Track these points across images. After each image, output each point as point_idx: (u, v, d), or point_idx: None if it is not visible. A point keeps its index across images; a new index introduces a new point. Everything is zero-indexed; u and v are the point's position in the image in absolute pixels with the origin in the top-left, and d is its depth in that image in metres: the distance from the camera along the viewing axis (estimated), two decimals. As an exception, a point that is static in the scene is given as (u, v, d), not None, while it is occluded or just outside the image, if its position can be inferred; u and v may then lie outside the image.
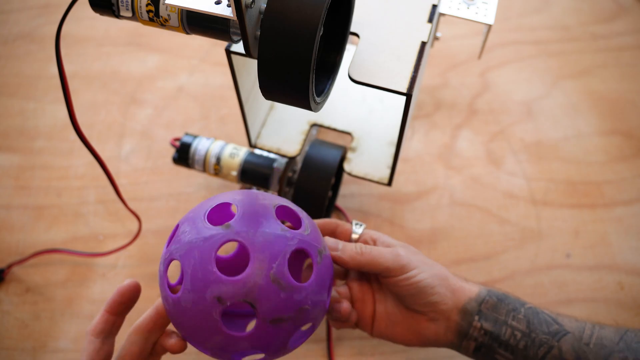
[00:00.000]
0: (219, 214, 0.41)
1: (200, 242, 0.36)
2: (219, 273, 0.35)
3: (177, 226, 0.40)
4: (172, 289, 0.39)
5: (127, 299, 0.40)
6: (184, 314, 0.37)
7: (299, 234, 0.38)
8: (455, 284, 0.44)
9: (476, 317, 0.43)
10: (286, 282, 0.36)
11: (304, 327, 0.39)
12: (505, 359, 0.43)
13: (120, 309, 0.40)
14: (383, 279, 0.44)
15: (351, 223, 0.48)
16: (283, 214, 0.41)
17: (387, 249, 0.44)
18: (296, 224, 0.41)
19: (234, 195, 0.40)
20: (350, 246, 0.44)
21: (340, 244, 0.44)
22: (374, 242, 0.46)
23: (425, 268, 0.43)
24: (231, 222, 0.37)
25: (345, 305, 0.45)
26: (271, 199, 0.40)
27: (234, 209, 0.40)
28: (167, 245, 0.39)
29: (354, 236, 0.47)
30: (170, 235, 0.40)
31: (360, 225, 0.48)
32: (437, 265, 0.45)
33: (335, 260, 0.44)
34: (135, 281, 0.41)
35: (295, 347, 0.40)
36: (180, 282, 0.40)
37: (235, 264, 0.48)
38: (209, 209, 0.39)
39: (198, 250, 0.36)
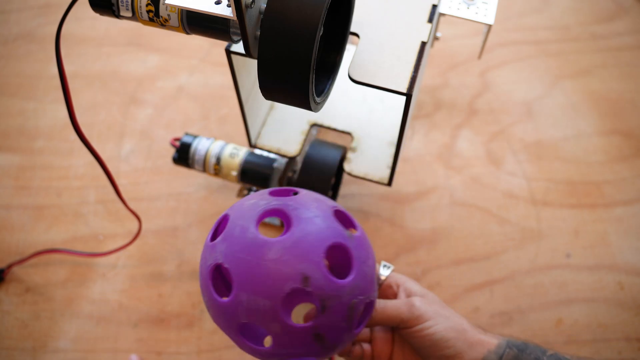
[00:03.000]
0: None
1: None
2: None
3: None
4: None
5: None
6: None
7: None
8: (473, 336, 0.42)
9: None
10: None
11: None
12: None
13: None
14: (400, 331, 0.44)
15: (379, 264, 0.47)
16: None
17: (402, 301, 0.43)
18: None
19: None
20: None
21: None
22: (397, 288, 0.45)
23: (440, 320, 0.42)
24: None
25: (358, 349, 0.45)
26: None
27: None
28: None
29: (381, 278, 0.46)
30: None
31: (388, 267, 0.47)
32: (455, 317, 0.43)
33: None
34: None
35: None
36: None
37: None
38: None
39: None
